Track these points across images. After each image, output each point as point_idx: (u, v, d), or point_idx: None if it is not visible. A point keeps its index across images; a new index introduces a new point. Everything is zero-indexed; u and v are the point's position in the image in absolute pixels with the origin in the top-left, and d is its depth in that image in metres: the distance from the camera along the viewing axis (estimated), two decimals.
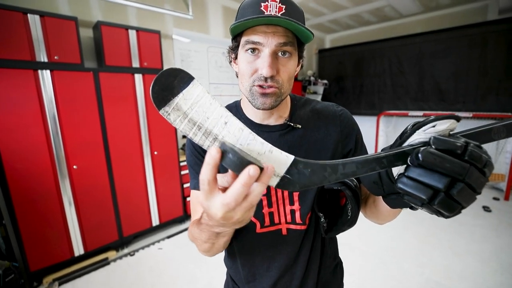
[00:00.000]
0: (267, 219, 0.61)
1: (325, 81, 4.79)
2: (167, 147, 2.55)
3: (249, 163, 0.27)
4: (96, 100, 2.04)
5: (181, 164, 2.68)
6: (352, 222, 0.54)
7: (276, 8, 0.48)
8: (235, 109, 0.66)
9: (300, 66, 0.60)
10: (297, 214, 0.60)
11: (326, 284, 0.68)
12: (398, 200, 0.39)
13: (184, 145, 3.02)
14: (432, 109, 3.89)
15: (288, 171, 0.33)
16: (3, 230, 1.82)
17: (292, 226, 0.61)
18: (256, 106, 0.54)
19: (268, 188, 0.60)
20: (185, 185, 2.74)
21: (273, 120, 0.62)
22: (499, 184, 3.48)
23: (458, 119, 0.33)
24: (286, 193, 0.60)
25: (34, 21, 1.73)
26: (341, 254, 0.76)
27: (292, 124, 0.61)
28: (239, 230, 0.63)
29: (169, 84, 0.32)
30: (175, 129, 2.61)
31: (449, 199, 0.28)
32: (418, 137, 0.33)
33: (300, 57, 0.58)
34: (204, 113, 0.33)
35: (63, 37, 1.87)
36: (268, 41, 0.50)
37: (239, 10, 0.54)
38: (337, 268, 0.73)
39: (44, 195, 1.86)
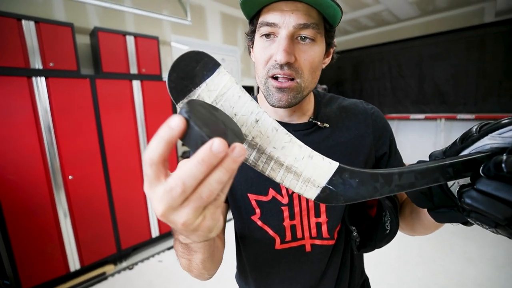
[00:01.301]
0: (288, 233, 0.53)
1: (325, 86, 4.77)
2: None
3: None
4: (93, 108, 1.97)
5: None
6: (391, 237, 0.47)
7: None
8: None
9: (330, 57, 0.51)
10: (324, 228, 0.52)
11: None
12: (449, 214, 0.32)
13: (184, 152, 2.94)
14: (434, 112, 3.86)
15: (330, 181, 0.27)
16: None
17: (318, 242, 0.53)
18: (271, 103, 0.46)
19: (290, 197, 0.52)
20: None
21: (296, 117, 0.54)
22: None
23: None
24: (311, 203, 0.52)
25: (28, 27, 1.68)
26: None
27: (318, 123, 0.53)
28: (253, 245, 0.55)
29: (190, 71, 0.25)
30: None
31: None
32: (490, 142, 0.27)
33: (329, 44, 0.49)
34: (231, 108, 0.27)
35: (58, 43, 1.82)
36: (285, 21, 0.42)
37: None
38: (365, 285, 0.64)
39: (37, 207, 1.76)
